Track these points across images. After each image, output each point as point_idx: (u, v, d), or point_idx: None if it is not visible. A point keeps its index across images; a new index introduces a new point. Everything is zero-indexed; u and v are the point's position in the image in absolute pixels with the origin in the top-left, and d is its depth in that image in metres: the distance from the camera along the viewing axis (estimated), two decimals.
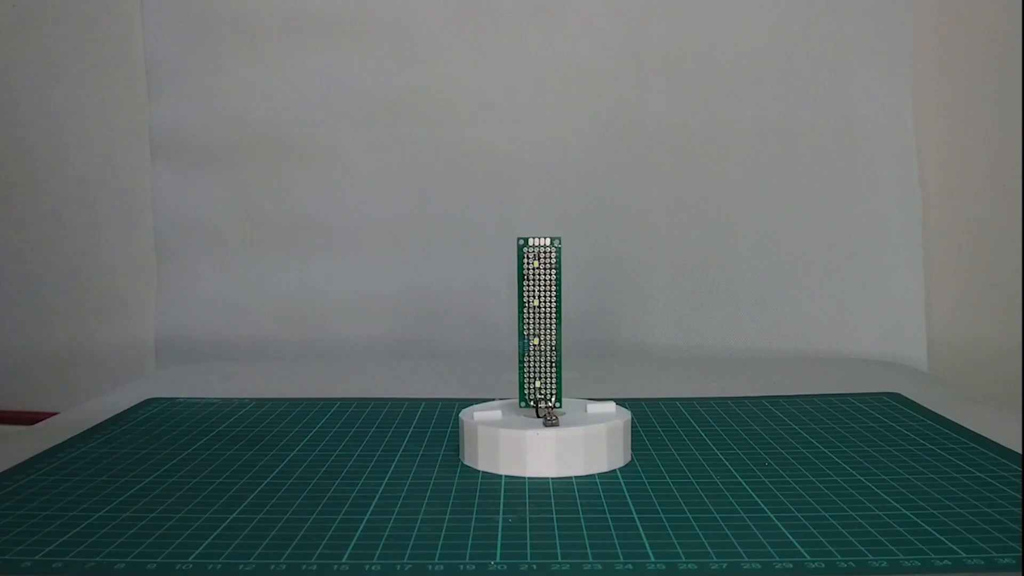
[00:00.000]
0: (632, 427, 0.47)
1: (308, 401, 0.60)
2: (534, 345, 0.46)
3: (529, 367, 0.46)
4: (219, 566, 0.34)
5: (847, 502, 0.39)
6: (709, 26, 0.82)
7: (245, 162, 0.85)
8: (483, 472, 0.44)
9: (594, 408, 0.47)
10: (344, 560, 0.34)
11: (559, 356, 0.46)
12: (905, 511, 0.38)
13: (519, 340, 0.46)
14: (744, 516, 0.38)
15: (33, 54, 0.87)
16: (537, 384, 0.46)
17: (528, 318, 0.46)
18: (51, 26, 0.87)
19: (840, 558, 0.33)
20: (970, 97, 0.80)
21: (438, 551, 0.35)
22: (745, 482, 0.42)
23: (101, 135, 0.87)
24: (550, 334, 0.46)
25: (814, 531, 0.36)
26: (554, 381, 0.46)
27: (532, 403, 0.46)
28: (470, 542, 0.35)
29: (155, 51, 0.85)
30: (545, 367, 0.46)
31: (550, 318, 0.46)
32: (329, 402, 0.60)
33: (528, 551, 0.34)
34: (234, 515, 0.39)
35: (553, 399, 0.46)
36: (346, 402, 0.60)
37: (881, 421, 0.54)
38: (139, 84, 0.86)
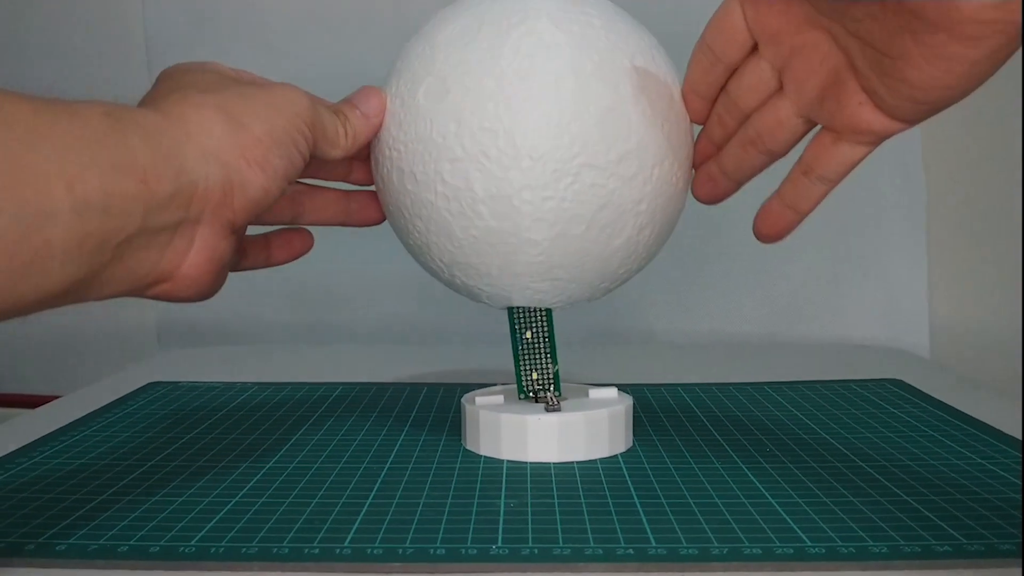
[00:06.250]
0: (633, 412, 0.47)
1: (310, 385, 0.60)
2: (526, 339, 0.45)
3: (525, 361, 0.46)
4: (222, 549, 0.34)
5: (848, 488, 0.39)
6: (709, 10, 0.81)
7: None
8: (485, 457, 0.44)
9: (596, 393, 0.47)
10: (346, 544, 0.34)
11: (553, 347, 0.46)
12: (906, 497, 0.38)
13: (511, 335, 0.46)
14: (745, 501, 0.38)
15: (33, 38, 0.87)
16: (534, 376, 0.46)
17: (517, 313, 0.45)
18: (52, 9, 0.86)
19: (840, 544, 0.33)
20: None
21: (440, 535, 0.35)
22: (746, 467, 0.42)
23: None
24: (542, 326, 0.45)
25: (815, 517, 0.36)
26: (550, 372, 0.46)
27: (531, 395, 0.46)
28: (472, 526, 0.36)
29: (156, 35, 0.85)
30: (540, 359, 0.46)
31: (540, 311, 0.45)
32: (331, 386, 0.60)
33: (529, 536, 0.35)
34: (236, 499, 0.39)
35: (552, 389, 0.45)
36: (348, 386, 0.60)
37: (882, 407, 0.54)
38: (140, 68, 0.86)
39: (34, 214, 0.28)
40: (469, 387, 0.49)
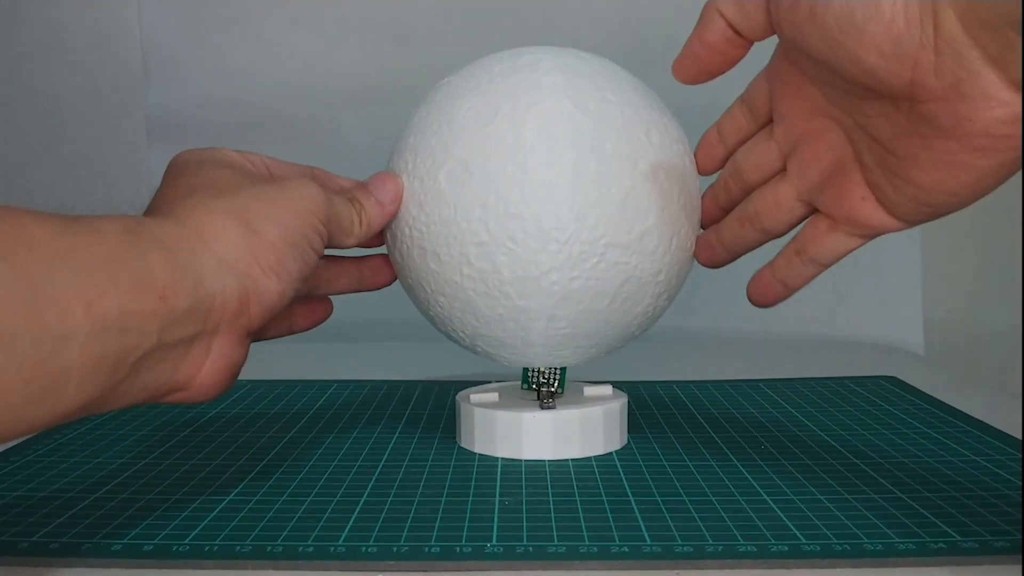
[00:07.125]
0: (628, 410, 0.47)
1: (304, 383, 0.60)
2: None
3: None
4: (215, 547, 0.34)
5: (842, 485, 0.39)
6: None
7: (241, 143, 0.84)
8: (480, 454, 0.44)
9: (591, 390, 0.47)
10: (341, 542, 0.34)
11: None
12: (901, 494, 0.38)
13: None
14: (740, 499, 0.38)
15: (29, 35, 0.86)
16: (542, 368, 0.45)
17: None
18: (47, 6, 0.86)
19: (835, 541, 0.33)
20: None
21: (434, 533, 0.35)
22: (741, 465, 0.42)
23: (97, 115, 0.87)
24: None
25: (810, 514, 0.36)
26: (558, 367, 0.45)
27: (535, 386, 0.45)
28: (466, 524, 0.36)
29: (151, 31, 0.85)
30: None
31: None
32: (325, 383, 0.60)
33: (524, 533, 0.35)
34: (230, 496, 0.39)
35: (556, 384, 0.45)
36: (342, 384, 0.60)
37: (878, 404, 0.54)
38: (135, 64, 0.85)
39: (53, 339, 0.27)
40: (464, 384, 0.49)
